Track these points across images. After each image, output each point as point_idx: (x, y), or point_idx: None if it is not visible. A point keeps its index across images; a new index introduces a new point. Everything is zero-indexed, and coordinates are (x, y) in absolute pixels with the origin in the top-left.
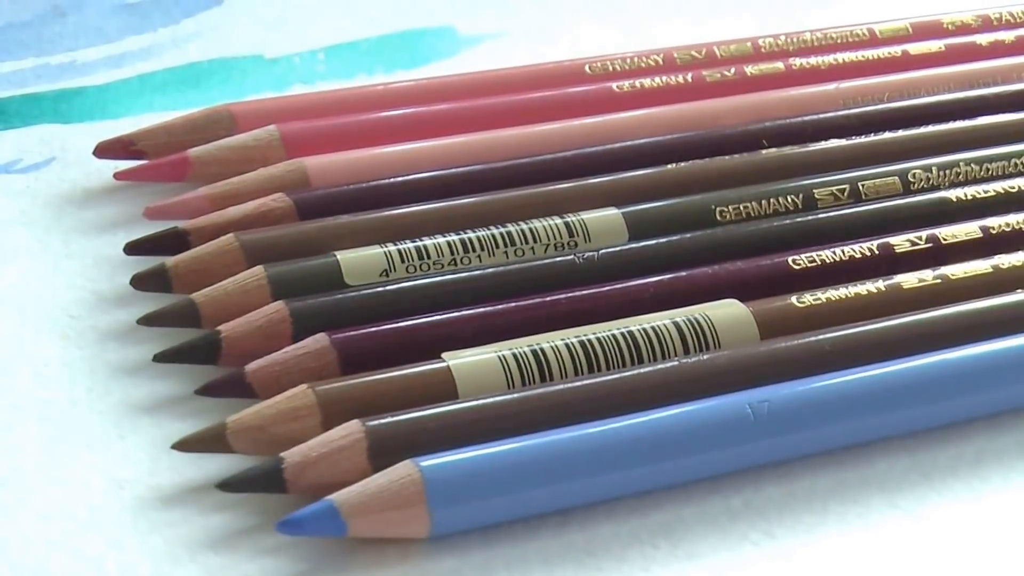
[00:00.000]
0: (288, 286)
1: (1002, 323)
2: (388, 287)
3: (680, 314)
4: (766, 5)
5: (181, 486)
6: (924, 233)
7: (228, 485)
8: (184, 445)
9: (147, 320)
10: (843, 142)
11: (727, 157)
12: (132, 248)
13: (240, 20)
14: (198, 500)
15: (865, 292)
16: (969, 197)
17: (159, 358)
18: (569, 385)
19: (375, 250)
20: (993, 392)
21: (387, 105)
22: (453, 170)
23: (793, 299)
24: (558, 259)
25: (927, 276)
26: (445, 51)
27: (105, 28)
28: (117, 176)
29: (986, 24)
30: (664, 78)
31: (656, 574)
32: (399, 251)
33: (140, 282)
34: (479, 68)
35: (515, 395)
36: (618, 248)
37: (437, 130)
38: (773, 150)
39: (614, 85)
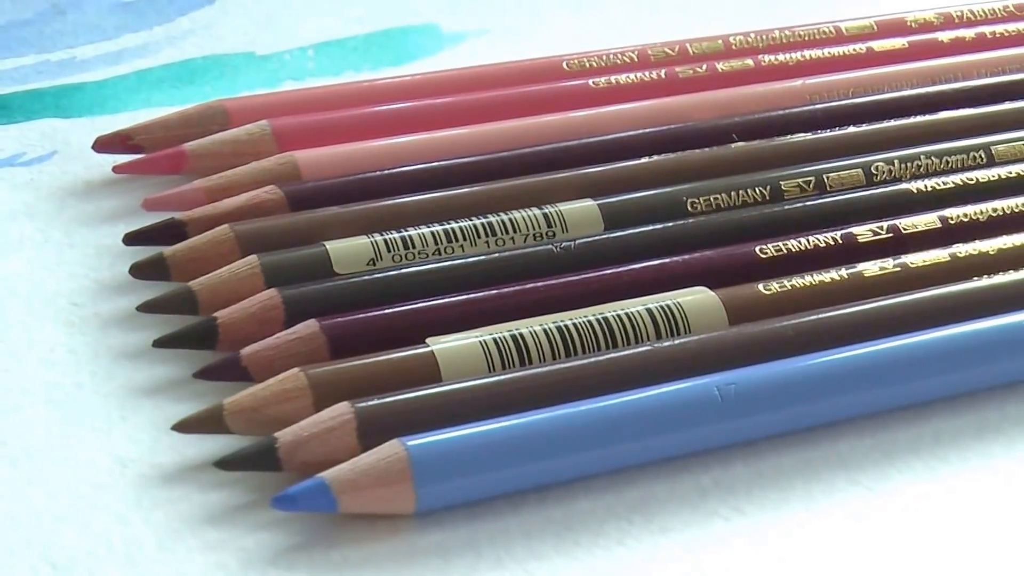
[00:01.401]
0: (280, 274)
1: (959, 309)
2: (375, 275)
3: (653, 301)
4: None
5: (181, 465)
6: (885, 223)
7: (225, 463)
8: (183, 426)
9: (146, 307)
10: (809, 136)
11: (698, 151)
12: (131, 239)
13: (233, 18)
14: (197, 478)
15: (829, 280)
16: (929, 189)
17: (159, 343)
18: (547, 368)
19: (363, 240)
20: (951, 375)
21: (374, 101)
22: (437, 163)
23: (760, 286)
24: (537, 248)
25: (888, 264)
26: (429, 48)
27: (103, 26)
28: (116, 169)
29: (948, 22)
30: (639, 74)
31: (631, 547)
32: (385, 241)
33: (139, 271)
34: (462, 65)
35: (496, 378)
36: (594, 238)
37: (421, 125)
38: (742, 144)
39: (591, 81)
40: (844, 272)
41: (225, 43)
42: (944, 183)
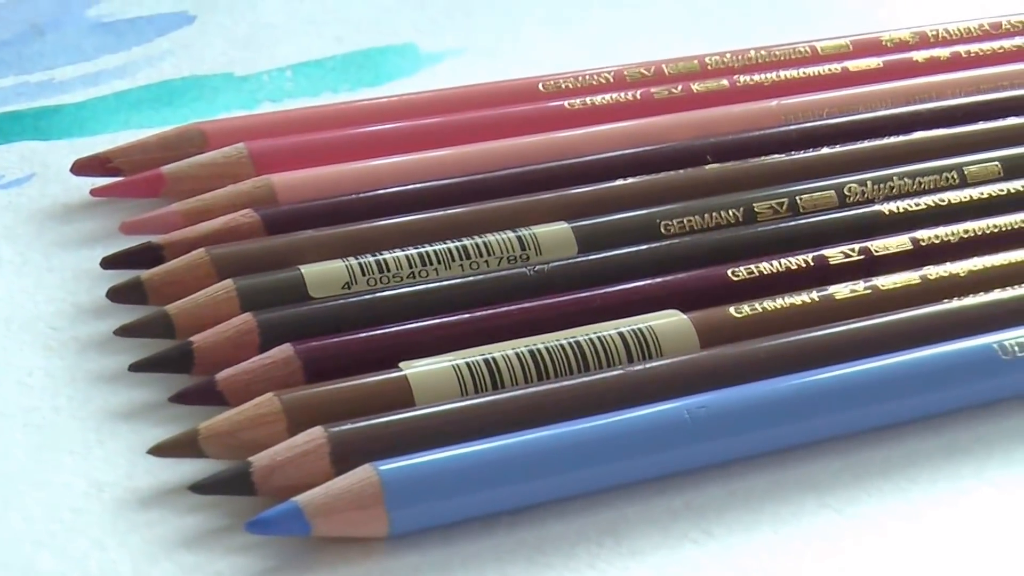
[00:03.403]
0: (256, 298)
1: (930, 331)
2: (350, 299)
3: (624, 324)
4: (722, 20)
5: (157, 488)
6: (857, 245)
7: (200, 488)
8: (159, 450)
9: (123, 331)
10: (783, 157)
11: (672, 173)
12: (108, 262)
13: (212, 38)
14: (173, 502)
15: (800, 302)
16: (901, 210)
17: (135, 367)
18: (519, 392)
19: (337, 264)
20: (921, 397)
21: (350, 123)
22: (411, 186)
23: (731, 309)
24: (510, 272)
25: (859, 287)
26: (407, 68)
27: (82, 47)
28: (94, 192)
29: (923, 41)
30: (614, 95)
31: (601, 570)
32: (360, 265)
33: (116, 295)
34: (439, 85)
35: (468, 402)
36: (567, 261)
37: (397, 147)
38: (716, 165)
39: (566, 103)
40: (815, 295)
41: (204, 64)
42: (916, 204)
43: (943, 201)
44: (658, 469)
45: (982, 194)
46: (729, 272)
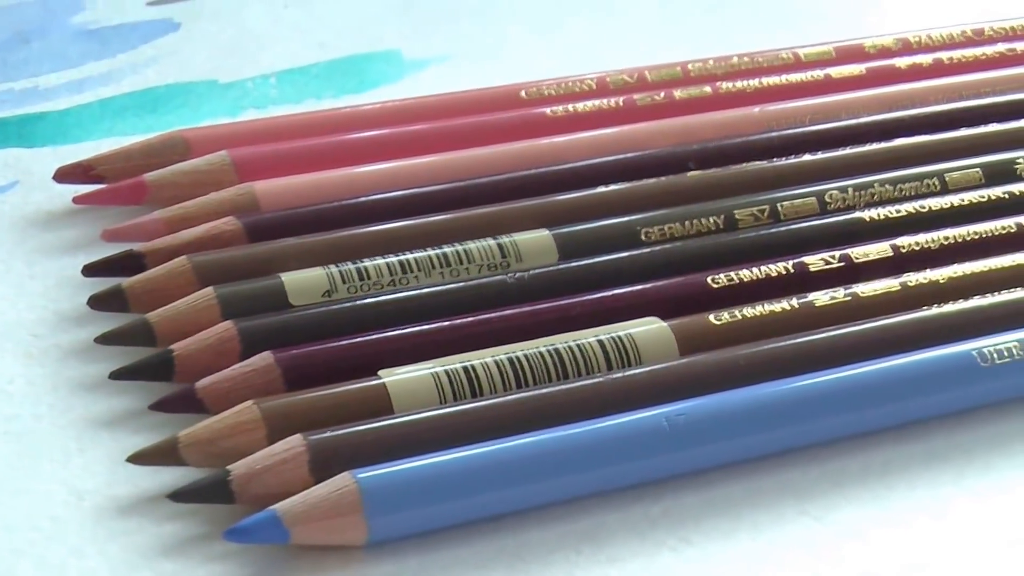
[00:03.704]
0: (237, 306)
1: (910, 338)
2: (330, 307)
3: (604, 332)
4: (706, 27)
5: (137, 497)
6: (837, 252)
7: (179, 496)
8: (139, 458)
9: (104, 339)
10: (764, 164)
11: (653, 180)
12: (90, 270)
13: (196, 45)
14: (153, 510)
15: (779, 309)
16: (882, 217)
17: (115, 375)
18: (497, 400)
19: (318, 272)
20: (900, 404)
21: (333, 130)
22: (393, 194)
23: (711, 317)
24: (490, 279)
25: (839, 294)
26: (391, 75)
27: (67, 54)
28: (76, 200)
29: (906, 48)
30: (596, 102)
31: None
32: (341, 272)
33: (97, 303)
34: (423, 92)
35: (447, 410)
36: (547, 268)
37: (379, 154)
38: (697, 172)
39: (548, 110)
40: (795, 302)
41: (188, 71)
42: (897, 211)
43: (924, 208)
44: (637, 476)
45: (963, 201)
46: (709, 279)
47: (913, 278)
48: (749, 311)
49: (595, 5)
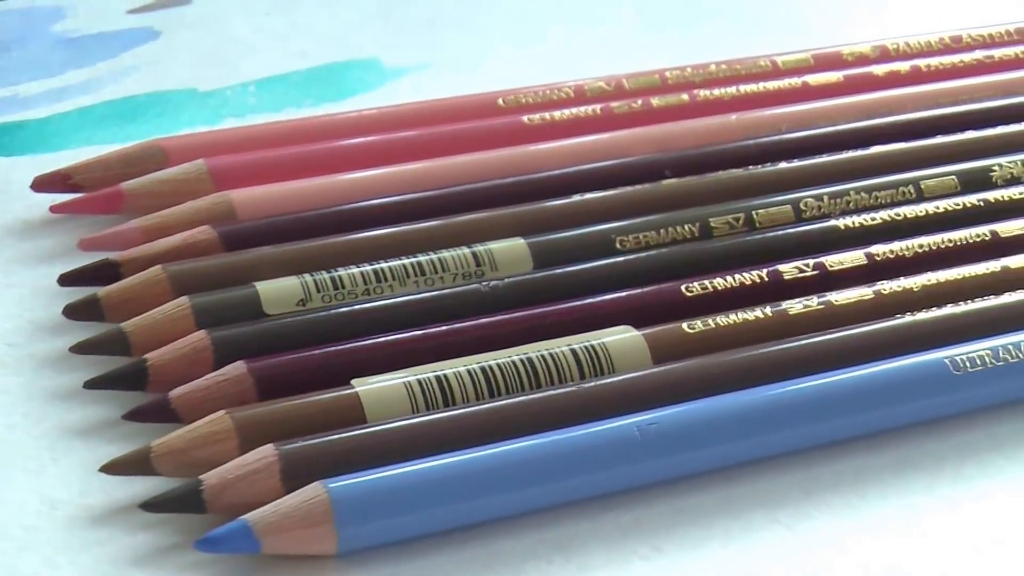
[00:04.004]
0: (211, 315)
1: (883, 347)
2: (304, 316)
3: (577, 341)
4: (688, 35)
5: (110, 506)
6: (812, 260)
7: (151, 506)
8: (112, 468)
9: (79, 348)
10: (740, 172)
11: (629, 188)
12: (66, 279)
13: (177, 54)
14: (126, 519)
15: (753, 318)
16: (857, 225)
17: (89, 385)
18: (470, 409)
19: (292, 281)
20: (872, 412)
21: (310, 139)
22: (368, 202)
23: (684, 325)
24: (465, 288)
25: (812, 302)
26: (370, 83)
27: (47, 62)
28: (53, 209)
29: (884, 55)
30: (573, 110)
31: None
32: (315, 281)
33: (73, 312)
34: (402, 100)
35: (419, 419)
36: (522, 277)
37: (356, 163)
38: (673, 180)
39: (525, 118)
40: (768, 310)
41: (169, 79)
42: (872, 219)
43: (899, 216)
44: (608, 485)
45: (938, 208)
46: (683, 288)
47: (887, 286)
48: (723, 320)
49: (575, 14)
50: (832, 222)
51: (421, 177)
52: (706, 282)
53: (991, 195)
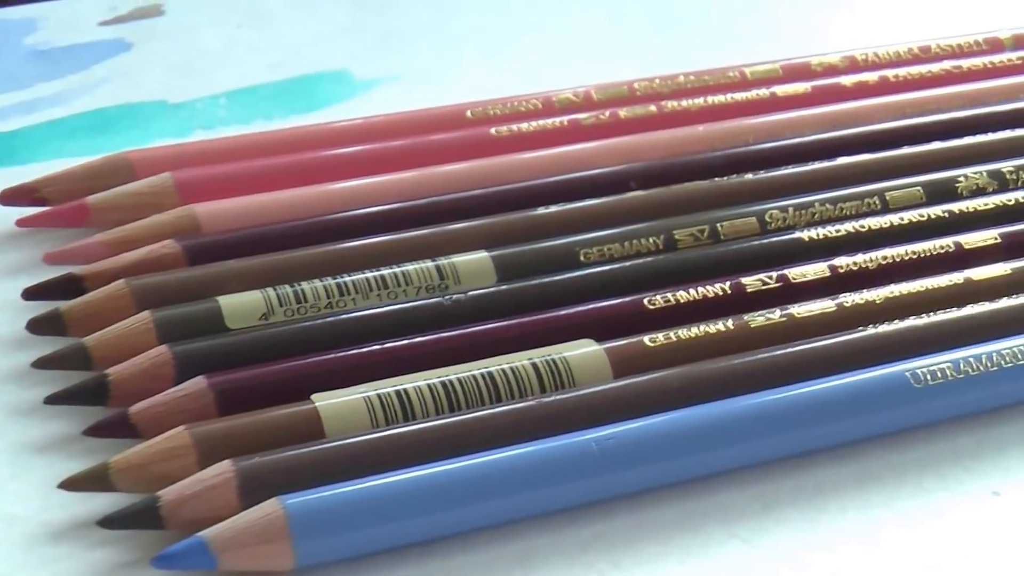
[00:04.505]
0: (173, 330)
1: (844, 359)
2: (265, 331)
3: (538, 354)
4: (663, 46)
5: (69, 523)
6: (775, 273)
7: (108, 522)
8: (70, 484)
9: (41, 363)
10: (705, 183)
11: (594, 200)
12: (29, 294)
13: (149, 65)
14: (85, 536)
15: (714, 331)
16: (820, 237)
17: (50, 400)
18: (429, 424)
19: (255, 295)
20: (833, 425)
21: (277, 152)
22: (332, 216)
23: (646, 339)
24: (427, 302)
25: (774, 315)
26: (341, 95)
27: (18, 75)
28: (19, 223)
29: (852, 65)
30: (541, 122)
31: None
32: (278, 295)
33: (36, 327)
34: (372, 111)
35: (378, 434)
36: (484, 291)
37: (321, 176)
38: (638, 193)
39: (493, 130)
40: (730, 323)
41: (140, 91)
42: (836, 231)
43: (863, 227)
44: (567, 500)
45: (902, 220)
46: (646, 301)
47: (849, 299)
48: (684, 333)
49: (547, 25)
50: (796, 234)
51: (386, 190)
52: (669, 295)
53: (956, 206)
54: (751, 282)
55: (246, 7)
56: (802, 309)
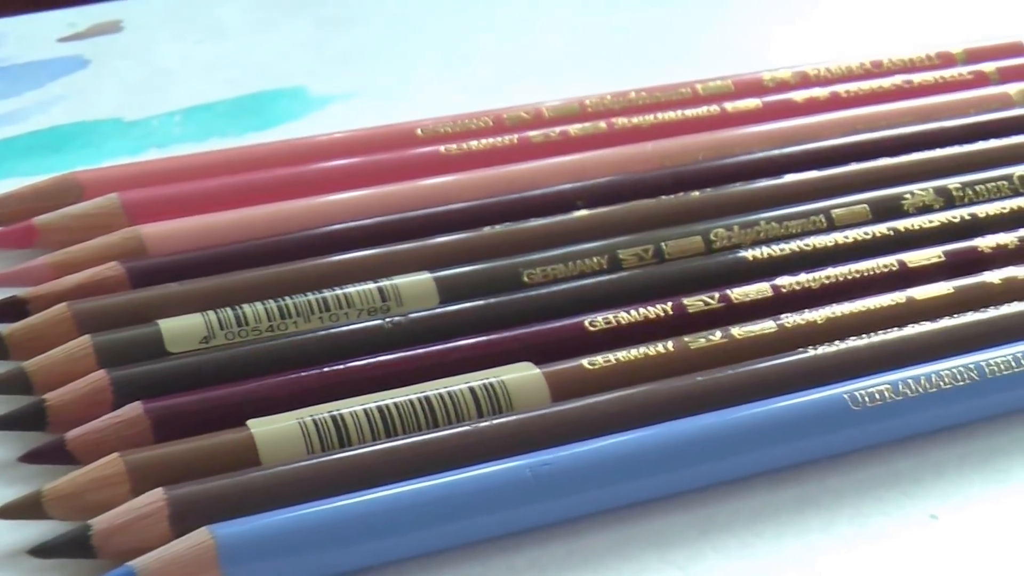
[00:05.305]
0: (114, 354)
1: (783, 381)
2: (205, 355)
3: (476, 378)
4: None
5: (2, 552)
6: (717, 293)
7: (39, 551)
8: (3, 512)
9: None
10: (651, 202)
11: (539, 220)
12: None
13: (105, 82)
14: (17, 565)
15: (654, 352)
16: (765, 256)
17: None
18: (364, 450)
19: (196, 318)
20: (771, 449)
21: (226, 171)
22: (274, 238)
23: (584, 362)
24: (367, 324)
25: (715, 336)
26: (296, 112)
27: None
28: None
29: (803, 81)
30: (490, 140)
31: None
32: (219, 318)
33: None
34: (326, 129)
35: (311, 461)
36: (425, 313)
37: (268, 195)
38: (584, 212)
39: (442, 148)
40: (670, 344)
41: (95, 109)
42: (781, 250)
43: (808, 246)
44: (501, 527)
45: (847, 238)
46: (587, 323)
47: (791, 319)
48: (624, 355)
49: (504, 42)
50: (741, 253)
51: (332, 210)
52: (611, 316)
53: (901, 224)
54: (693, 303)
55: (206, 23)
56: (743, 330)
